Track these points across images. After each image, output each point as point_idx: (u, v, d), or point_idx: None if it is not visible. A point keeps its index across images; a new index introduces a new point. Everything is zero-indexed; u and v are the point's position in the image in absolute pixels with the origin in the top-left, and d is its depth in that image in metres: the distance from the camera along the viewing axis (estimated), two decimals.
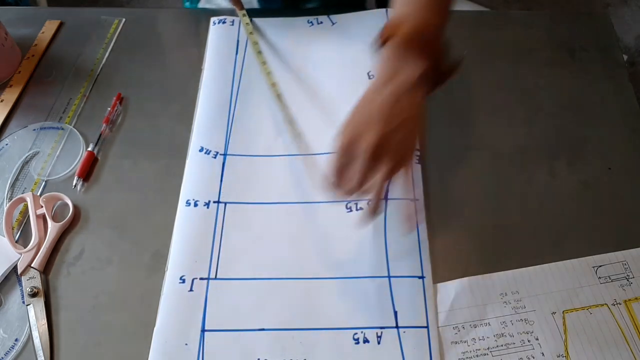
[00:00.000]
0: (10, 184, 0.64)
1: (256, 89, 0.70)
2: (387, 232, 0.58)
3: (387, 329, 0.53)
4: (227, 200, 0.61)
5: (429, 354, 0.51)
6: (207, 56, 0.74)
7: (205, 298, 0.55)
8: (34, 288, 0.56)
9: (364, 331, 0.53)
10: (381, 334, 0.52)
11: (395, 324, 0.53)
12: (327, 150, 0.64)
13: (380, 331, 0.52)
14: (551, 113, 0.68)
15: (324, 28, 0.76)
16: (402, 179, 0.51)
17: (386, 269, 0.56)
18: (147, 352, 0.52)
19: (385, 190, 0.50)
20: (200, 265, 0.57)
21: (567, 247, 0.57)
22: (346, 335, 0.52)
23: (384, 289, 0.55)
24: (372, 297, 0.54)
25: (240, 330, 0.53)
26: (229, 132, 0.67)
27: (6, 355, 0.53)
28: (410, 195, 0.55)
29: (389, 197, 0.59)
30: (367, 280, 0.55)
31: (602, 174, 0.62)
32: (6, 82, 0.73)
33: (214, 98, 0.70)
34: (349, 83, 0.70)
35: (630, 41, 1.78)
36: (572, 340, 0.52)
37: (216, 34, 0.76)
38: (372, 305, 0.54)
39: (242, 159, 0.64)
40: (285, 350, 0.52)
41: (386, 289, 0.55)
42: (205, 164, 0.64)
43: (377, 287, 0.55)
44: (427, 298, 0.54)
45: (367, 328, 0.53)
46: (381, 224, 0.58)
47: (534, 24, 0.76)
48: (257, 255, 0.57)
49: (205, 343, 0.52)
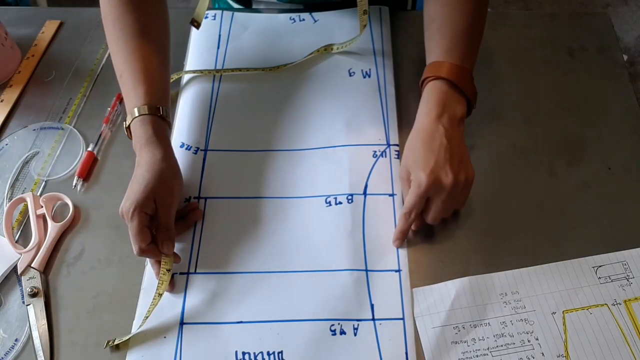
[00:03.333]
0: (10, 184, 0.64)
1: (237, 84, 0.70)
2: (365, 227, 0.59)
3: (363, 321, 0.53)
4: (208, 195, 0.61)
5: (404, 345, 0.52)
6: (190, 52, 0.74)
7: (185, 292, 0.55)
8: (34, 288, 0.55)
9: (340, 323, 0.53)
10: (358, 326, 0.53)
11: (372, 316, 0.54)
12: (306, 147, 0.65)
13: (357, 323, 0.53)
14: (551, 113, 0.68)
15: (306, 25, 0.76)
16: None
17: (364, 262, 0.57)
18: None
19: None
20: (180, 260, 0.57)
21: (567, 247, 0.57)
22: (323, 326, 0.53)
23: (361, 282, 0.55)
24: (350, 290, 0.55)
25: (218, 323, 0.54)
26: (209, 127, 0.67)
27: (6, 355, 0.53)
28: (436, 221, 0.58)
29: (368, 193, 0.61)
30: (345, 273, 0.56)
31: (602, 174, 0.62)
32: (6, 82, 0.73)
33: (195, 93, 0.70)
34: (329, 80, 0.70)
35: (630, 41, 1.78)
36: (572, 340, 0.52)
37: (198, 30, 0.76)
38: (349, 297, 0.54)
39: (223, 154, 0.65)
40: (262, 341, 0.52)
41: (363, 282, 0.55)
42: (185, 159, 0.64)
43: (354, 280, 0.55)
44: (404, 290, 0.55)
45: (344, 320, 0.53)
46: (360, 219, 0.59)
47: (534, 24, 0.76)
48: (236, 250, 0.58)
49: (184, 336, 0.53)
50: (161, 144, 0.56)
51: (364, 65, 0.71)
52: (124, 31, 0.60)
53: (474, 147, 0.64)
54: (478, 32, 0.61)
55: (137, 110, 0.57)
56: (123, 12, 0.60)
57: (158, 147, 0.56)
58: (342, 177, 0.62)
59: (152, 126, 0.57)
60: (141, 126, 0.57)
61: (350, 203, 0.60)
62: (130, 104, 0.58)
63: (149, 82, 0.59)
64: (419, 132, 0.57)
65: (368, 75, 0.70)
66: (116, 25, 0.60)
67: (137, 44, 0.60)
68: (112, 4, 0.61)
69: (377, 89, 0.69)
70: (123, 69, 0.59)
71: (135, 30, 0.60)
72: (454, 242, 0.58)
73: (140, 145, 0.56)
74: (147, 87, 0.58)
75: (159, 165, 0.55)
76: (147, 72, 0.59)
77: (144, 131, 0.56)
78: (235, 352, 0.52)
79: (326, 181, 0.62)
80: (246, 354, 0.52)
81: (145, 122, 0.57)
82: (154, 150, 0.56)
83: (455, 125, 0.57)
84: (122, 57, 0.60)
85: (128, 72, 0.59)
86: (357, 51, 0.72)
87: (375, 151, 0.64)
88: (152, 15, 0.63)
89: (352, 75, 0.70)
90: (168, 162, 0.56)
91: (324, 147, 0.65)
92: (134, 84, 0.58)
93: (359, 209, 0.60)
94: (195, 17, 0.69)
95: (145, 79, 0.58)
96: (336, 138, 0.65)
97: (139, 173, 0.55)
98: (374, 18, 0.75)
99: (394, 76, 0.70)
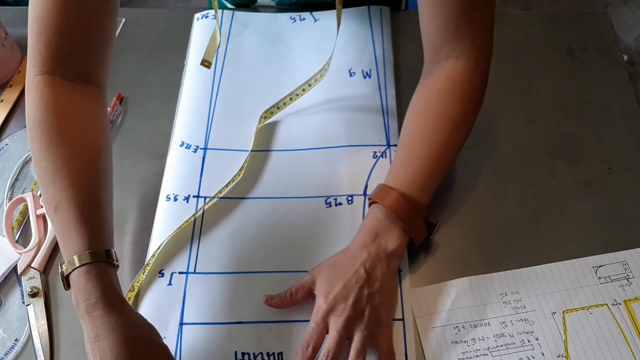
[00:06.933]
0: (10, 184, 0.64)
1: (237, 83, 0.70)
2: None
3: None
4: (207, 194, 0.61)
5: (404, 345, 0.52)
6: (190, 51, 0.74)
7: (184, 292, 0.55)
8: (34, 288, 0.55)
9: None
10: None
11: None
12: (306, 147, 0.65)
13: None
14: (551, 113, 0.68)
15: (306, 24, 0.76)
16: (383, 345, 0.51)
17: None
18: None
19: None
20: (179, 259, 0.57)
21: (567, 247, 0.57)
22: None
23: None
24: None
25: (218, 323, 0.54)
26: (209, 126, 0.67)
27: (6, 355, 0.53)
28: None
29: (368, 194, 0.59)
30: None
31: (602, 174, 0.62)
32: (6, 82, 0.73)
33: (195, 92, 0.70)
34: (329, 80, 0.70)
35: (630, 41, 1.78)
36: (572, 340, 0.52)
37: (199, 29, 0.76)
38: None
39: (222, 153, 0.65)
40: (262, 342, 0.52)
41: None
42: (185, 158, 0.64)
43: None
44: (403, 290, 0.55)
45: None
46: (360, 220, 0.58)
47: (534, 24, 0.76)
48: (235, 250, 0.58)
49: (183, 336, 0.53)
50: (118, 304, 0.46)
51: (364, 65, 0.71)
52: (58, 153, 0.48)
53: (474, 147, 0.64)
54: (447, 163, 0.57)
55: (78, 258, 0.46)
56: (57, 131, 0.49)
57: (115, 309, 0.45)
58: (342, 178, 0.62)
59: (99, 280, 0.45)
60: (87, 281, 0.45)
61: (350, 204, 0.60)
62: (70, 248, 0.47)
63: (93, 218, 0.48)
64: (345, 251, 0.54)
65: (368, 76, 0.70)
66: (49, 144, 0.49)
67: (77, 166, 0.49)
68: (40, 109, 0.49)
69: (377, 89, 0.69)
70: (60, 199, 0.47)
71: (74, 150, 0.49)
72: (454, 242, 0.58)
73: (86, 308, 0.44)
74: (91, 225, 0.47)
75: (127, 333, 0.44)
76: (91, 204, 0.48)
77: (92, 287, 0.45)
78: (235, 353, 0.52)
79: (326, 182, 0.62)
80: (246, 355, 0.52)
81: (90, 275, 0.45)
82: (111, 314, 0.44)
83: (383, 258, 0.52)
84: (60, 184, 0.47)
85: (67, 204, 0.47)
86: (357, 51, 0.72)
87: (376, 152, 0.64)
88: (93, 131, 0.52)
89: (352, 76, 0.70)
90: (134, 324, 0.46)
91: (324, 147, 0.65)
92: (76, 221, 0.47)
93: (359, 210, 0.60)
94: (206, 58, 0.68)
95: (88, 214, 0.47)
96: (336, 138, 0.65)
97: (103, 348, 0.43)
98: (374, 18, 0.75)
99: (394, 76, 0.70)
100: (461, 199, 0.61)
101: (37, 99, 0.50)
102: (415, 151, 0.56)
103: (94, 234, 0.47)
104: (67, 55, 0.50)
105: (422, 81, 0.59)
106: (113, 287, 0.47)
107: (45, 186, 0.48)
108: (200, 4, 1.88)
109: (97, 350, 0.44)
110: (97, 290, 0.45)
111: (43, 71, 0.50)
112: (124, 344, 0.43)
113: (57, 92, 0.50)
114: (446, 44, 0.55)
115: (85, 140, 0.51)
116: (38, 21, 0.49)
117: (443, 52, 0.56)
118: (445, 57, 0.56)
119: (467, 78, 0.56)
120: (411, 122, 0.58)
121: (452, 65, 0.56)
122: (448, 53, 0.56)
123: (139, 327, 0.46)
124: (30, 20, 0.49)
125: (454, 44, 0.55)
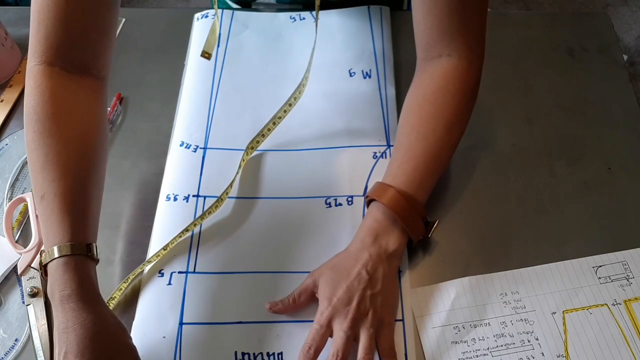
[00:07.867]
0: (10, 184, 0.64)
1: (237, 82, 0.70)
2: None
3: None
4: (207, 194, 0.61)
5: (404, 345, 0.52)
6: (190, 51, 0.74)
7: (184, 292, 0.55)
8: (34, 288, 0.55)
9: None
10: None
11: None
12: (306, 147, 0.65)
13: None
14: (551, 113, 0.68)
15: (306, 24, 0.76)
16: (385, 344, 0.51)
17: None
18: None
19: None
20: (179, 259, 0.57)
21: (567, 247, 0.57)
22: None
23: None
24: None
25: (218, 323, 0.54)
26: (209, 125, 0.67)
27: (6, 355, 0.53)
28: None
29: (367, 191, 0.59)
30: None
31: (602, 174, 0.62)
32: (6, 82, 0.73)
33: (195, 92, 0.70)
34: (329, 80, 0.70)
35: (630, 41, 1.78)
36: (572, 340, 0.52)
37: (199, 29, 0.76)
38: None
39: (222, 152, 0.65)
40: (262, 342, 0.52)
41: None
42: (185, 158, 0.64)
43: None
44: (403, 290, 0.55)
45: None
46: (360, 220, 0.58)
47: (534, 24, 0.76)
48: (235, 249, 0.58)
49: (183, 336, 0.53)
50: (92, 299, 0.46)
51: (364, 65, 0.71)
52: (50, 142, 0.48)
53: (474, 147, 0.64)
54: (443, 162, 0.57)
55: (58, 249, 0.45)
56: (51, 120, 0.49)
57: (88, 304, 0.45)
58: (342, 178, 0.62)
59: (77, 273, 0.45)
60: (64, 272, 0.45)
61: (351, 205, 0.60)
62: (51, 238, 0.46)
63: (78, 211, 0.48)
64: (345, 252, 0.54)
65: (368, 76, 0.70)
66: (42, 133, 0.49)
67: (67, 157, 0.48)
68: (36, 98, 0.49)
69: (377, 89, 0.69)
70: (47, 189, 0.47)
71: (67, 139, 0.49)
72: (454, 242, 0.58)
73: (60, 299, 0.44)
74: (75, 217, 0.47)
75: (95, 329, 0.44)
76: (77, 196, 0.48)
77: (68, 279, 0.45)
78: (235, 353, 0.52)
79: (326, 182, 0.62)
80: (246, 355, 0.52)
81: (68, 267, 0.45)
82: (83, 309, 0.44)
83: (384, 259, 0.52)
84: (48, 174, 0.47)
85: (53, 194, 0.47)
86: (357, 51, 0.72)
87: (376, 152, 0.64)
88: (88, 124, 0.52)
89: (352, 76, 0.70)
90: (105, 321, 0.45)
91: (324, 147, 0.65)
92: (60, 212, 0.46)
93: (359, 211, 0.60)
94: (206, 49, 0.68)
95: (73, 206, 0.47)
96: (336, 139, 0.65)
97: (70, 341, 0.43)
98: (374, 18, 0.75)
99: (394, 76, 0.70)
100: (461, 199, 0.61)
101: (34, 88, 0.50)
102: (411, 151, 0.56)
103: (77, 226, 0.47)
104: (66, 46, 0.51)
105: (416, 79, 0.59)
106: (90, 281, 0.46)
107: (34, 174, 0.48)
108: (200, 4, 1.88)
109: (64, 341, 0.44)
110: (73, 282, 0.45)
111: (42, 61, 0.50)
112: (91, 340, 0.43)
113: (54, 82, 0.50)
114: (438, 41, 0.56)
115: (79, 131, 0.50)
116: (39, 11, 0.49)
117: (435, 49, 0.56)
118: (437, 55, 0.57)
119: (459, 76, 0.56)
120: (407, 122, 0.58)
121: (444, 63, 0.56)
122: (440, 51, 0.56)
123: (109, 325, 0.46)
124: (32, 10, 0.50)
125: (446, 42, 0.55)
